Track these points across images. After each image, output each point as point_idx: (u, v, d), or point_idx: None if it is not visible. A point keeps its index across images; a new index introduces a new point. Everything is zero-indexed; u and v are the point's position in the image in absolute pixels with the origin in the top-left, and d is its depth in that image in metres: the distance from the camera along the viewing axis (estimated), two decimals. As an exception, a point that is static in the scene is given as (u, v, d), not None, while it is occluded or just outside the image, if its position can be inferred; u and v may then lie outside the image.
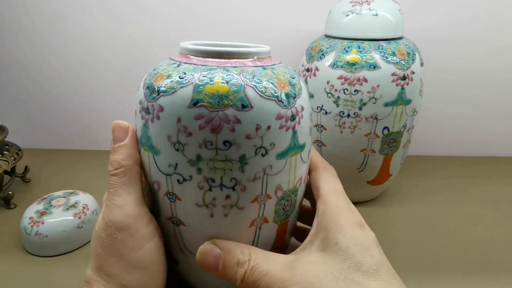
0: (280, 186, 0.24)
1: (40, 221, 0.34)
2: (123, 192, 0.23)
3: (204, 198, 0.23)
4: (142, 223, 0.23)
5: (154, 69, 0.24)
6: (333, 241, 0.23)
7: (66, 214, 0.35)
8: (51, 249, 0.34)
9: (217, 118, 0.21)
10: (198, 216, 0.24)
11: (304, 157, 0.25)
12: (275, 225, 0.26)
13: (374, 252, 0.22)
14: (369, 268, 0.21)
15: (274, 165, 0.23)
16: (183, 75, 0.22)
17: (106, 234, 0.22)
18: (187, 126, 0.21)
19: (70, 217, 0.35)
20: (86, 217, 0.36)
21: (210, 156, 0.22)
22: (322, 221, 0.24)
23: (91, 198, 0.39)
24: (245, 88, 0.21)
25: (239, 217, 0.24)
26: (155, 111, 0.22)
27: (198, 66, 0.22)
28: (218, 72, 0.22)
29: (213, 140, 0.21)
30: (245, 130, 0.21)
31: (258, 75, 0.22)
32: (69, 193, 0.39)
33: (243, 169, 0.22)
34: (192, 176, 0.22)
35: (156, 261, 0.24)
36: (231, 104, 0.21)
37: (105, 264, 0.22)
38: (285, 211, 0.26)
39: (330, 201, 0.25)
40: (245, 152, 0.22)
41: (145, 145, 0.24)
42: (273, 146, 0.22)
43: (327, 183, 0.27)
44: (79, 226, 0.35)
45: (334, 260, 0.22)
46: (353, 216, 0.24)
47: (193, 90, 0.21)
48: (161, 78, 0.22)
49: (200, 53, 0.23)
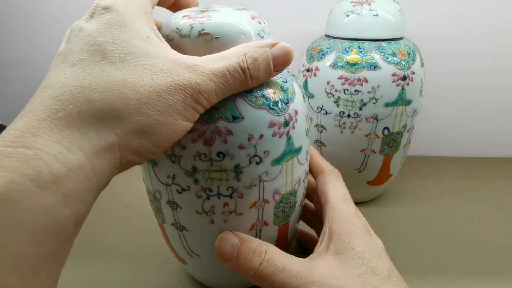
0: (277, 190, 0.24)
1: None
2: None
3: (203, 206, 0.23)
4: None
5: None
6: (349, 246, 0.23)
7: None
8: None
9: (209, 131, 0.21)
10: (199, 223, 0.24)
11: (302, 159, 0.25)
12: (275, 226, 0.26)
13: (385, 258, 0.23)
14: (383, 273, 0.22)
15: (269, 172, 0.23)
16: None
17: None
18: (181, 140, 0.21)
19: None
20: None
21: (205, 167, 0.22)
22: (335, 227, 0.25)
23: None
24: (235, 99, 0.21)
25: (239, 222, 0.24)
26: None
27: None
28: None
29: (206, 152, 0.21)
30: (237, 141, 0.21)
31: None
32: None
33: (239, 178, 0.22)
34: (190, 186, 0.23)
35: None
36: (222, 117, 0.21)
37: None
38: (284, 213, 0.26)
39: (340, 207, 0.25)
40: (239, 161, 0.22)
41: None
42: (267, 153, 0.23)
43: (335, 188, 0.27)
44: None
45: (352, 264, 0.22)
46: (362, 222, 0.25)
47: None
48: None
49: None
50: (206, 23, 0.21)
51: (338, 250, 0.23)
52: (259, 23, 0.23)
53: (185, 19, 0.21)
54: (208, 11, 0.22)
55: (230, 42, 0.21)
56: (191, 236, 0.26)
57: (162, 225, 0.27)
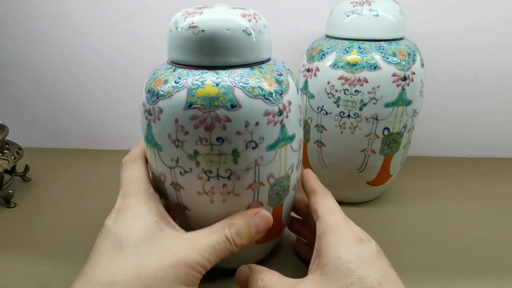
0: (272, 174, 0.27)
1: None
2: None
3: (204, 187, 0.26)
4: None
5: (154, 73, 0.26)
6: (335, 256, 0.23)
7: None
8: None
9: (209, 118, 0.23)
10: (200, 202, 0.27)
11: (295, 147, 0.28)
12: (270, 207, 0.28)
13: (377, 265, 0.23)
14: (372, 282, 0.21)
15: (264, 156, 0.26)
16: (178, 80, 0.24)
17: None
18: (184, 126, 0.24)
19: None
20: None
21: (206, 151, 0.24)
22: (323, 239, 0.25)
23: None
24: (233, 89, 0.23)
25: (236, 202, 0.27)
26: (156, 113, 0.25)
27: (191, 70, 0.25)
28: (209, 76, 0.24)
29: (207, 137, 0.24)
30: (235, 127, 0.24)
31: (245, 76, 0.24)
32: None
33: (236, 161, 0.25)
34: (192, 169, 0.25)
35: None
36: (221, 105, 0.23)
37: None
38: (278, 195, 0.28)
39: (328, 219, 0.26)
40: (236, 146, 0.24)
41: (150, 142, 0.26)
42: (262, 140, 0.25)
43: (324, 204, 0.28)
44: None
45: (337, 277, 0.22)
46: (352, 231, 0.25)
47: (187, 94, 0.23)
48: (159, 83, 0.25)
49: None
50: (196, 18, 0.24)
51: (324, 263, 0.23)
52: (249, 21, 0.25)
53: (183, 14, 0.25)
54: (205, 8, 0.25)
55: (214, 35, 0.24)
56: (193, 215, 0.28)
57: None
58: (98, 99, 0.55)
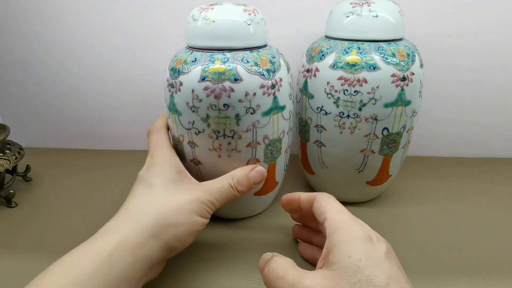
0: (266, 135, 0.34)
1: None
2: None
3: (213, 145, 0.33)
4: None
5: (175, 56, 0.33)
6: (346, 254, 0.23)
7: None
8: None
9: (218, 88, 0.30)
10: (210, 157, 0.34)
11: (285, 116, 0.35)
12: (265, 164, 0.36)
13: (385, 265, 0.23)
14: (380, 281, 0.21)
15: (260, 121, 0.33)
16: (194, 59, 0.31)
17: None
18: (198, 95, 0.31)
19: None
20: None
21: (215, 115, 0.31)
22: (334, 238, 0.25)
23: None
24: (236, 67, 0.30)
25: (238, 157, 0.34)
26: (177, 86, 0.32)
27: (204, 52, 0.32)
28: (218, 56, 0.31)
29: (216, 104, 0.31)
30: (237, 96, 0.31)
31: (246, 57, 0.31)
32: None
33: (238, 123, 0.32)
34: (204, 129, 0.32)
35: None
36: (227, 79, 0.30)
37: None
38: (272, 154, 0.36)
39: (338, 219, 0.26)
40: (238, 111, 0.31)
41: (172, 110, 0.33)
42: (258, 107, 0.32)
43: (329, 205, 0.28)
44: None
45: (346, 273, 0.22)
46: (363, 230, 0.25)
47: (201, 70, 0.30)
48: (180, 62, 0.32)
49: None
50: (209, 12, 0.31)
51: (335, 260, 0.23)
52: (249, 15, 0.32)
53: (199, 10, 0.32)
54: (216, 5, 0.32)
55: (222, 25, 0.31)
56: (204, 168, 0.35)
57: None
58: (98, 99, 0.56)
